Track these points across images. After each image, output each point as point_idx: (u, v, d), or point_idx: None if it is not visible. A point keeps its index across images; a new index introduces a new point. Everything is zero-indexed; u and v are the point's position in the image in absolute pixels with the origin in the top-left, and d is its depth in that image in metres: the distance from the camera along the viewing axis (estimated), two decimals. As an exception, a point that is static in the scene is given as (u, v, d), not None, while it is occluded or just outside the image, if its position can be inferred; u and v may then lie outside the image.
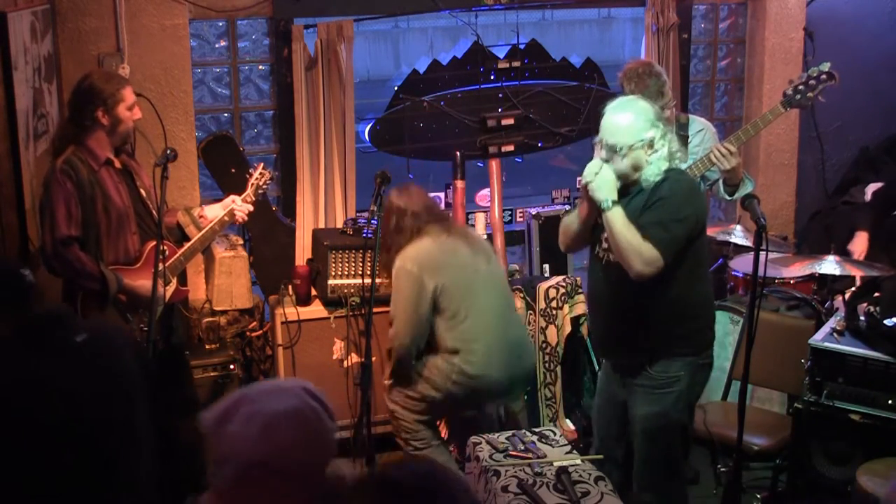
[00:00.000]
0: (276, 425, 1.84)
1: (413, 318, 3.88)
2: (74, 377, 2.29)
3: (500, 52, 5.26)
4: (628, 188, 3.24)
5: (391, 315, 3.97)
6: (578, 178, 3.81)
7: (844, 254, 4.73)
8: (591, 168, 3.22)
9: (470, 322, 3.86)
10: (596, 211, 3.26)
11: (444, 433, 4.28)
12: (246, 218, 4.01)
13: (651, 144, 3.18)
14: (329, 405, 1.95)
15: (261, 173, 4.08)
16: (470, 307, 3.87)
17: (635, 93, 3.79)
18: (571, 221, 3.45)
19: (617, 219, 3.16)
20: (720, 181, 4.01)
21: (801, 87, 3.93)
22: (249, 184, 4.05)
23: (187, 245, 3.86)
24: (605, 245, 3.33)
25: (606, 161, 3.20)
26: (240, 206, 3.96)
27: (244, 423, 1.85)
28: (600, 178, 3.19)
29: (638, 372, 3.39)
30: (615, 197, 3.18)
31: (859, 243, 4.99)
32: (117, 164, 3.74)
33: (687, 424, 3.52)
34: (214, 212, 3.97)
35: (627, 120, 3.19)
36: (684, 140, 4.07)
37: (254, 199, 4.04)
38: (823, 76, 3.91)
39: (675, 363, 3.34)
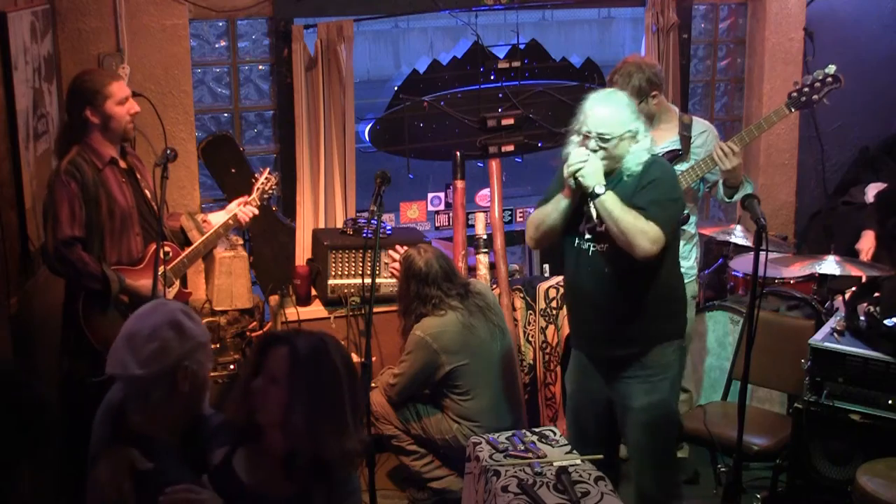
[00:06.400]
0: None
1: (411, 387, 4.03)
2: None
3: (500, 52, 5.26)
4: (606, 177, 3.29)
5: (397, 370, 4.04)
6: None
7: (846, 254, 4.72)
8: (577, 157, 3.26)
9: (477, 403, 3.96)
10: (581, 199, 3.31)
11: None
12: (250, 218, 4.02)
13: (635, 135, 3.29)
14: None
15: (266, 178, 4.10)
16: (479, 389, 3.96)
17: (624, 89, 3.78)
18: (547, 214, 3.42)
19: (614, 202, 3.21)
20: (720, 182, 4.00)
21: (806, 89, 3.92)
22: (255, 188, 4.07)
23: (191, 247, 3.87)
24: (587, 236, 3.36)
25: (593, 151, 3.26)
26: (245, 208, 3.98)
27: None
28: (589, 166, 3.24)
29: (631, 363, 3.40)
30: (604, 183, 3.24)
31: (866, 241, 4.98)
32: (122, 165, 3.75)
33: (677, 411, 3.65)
34: (218, 219, 3.99)
35: (617, 111, 3.29)
36: (687, 141, 4.05)
37: (259, 203, 4.05)
38: (829, 79, 3.89)
39: (667, 349, 3.42)
